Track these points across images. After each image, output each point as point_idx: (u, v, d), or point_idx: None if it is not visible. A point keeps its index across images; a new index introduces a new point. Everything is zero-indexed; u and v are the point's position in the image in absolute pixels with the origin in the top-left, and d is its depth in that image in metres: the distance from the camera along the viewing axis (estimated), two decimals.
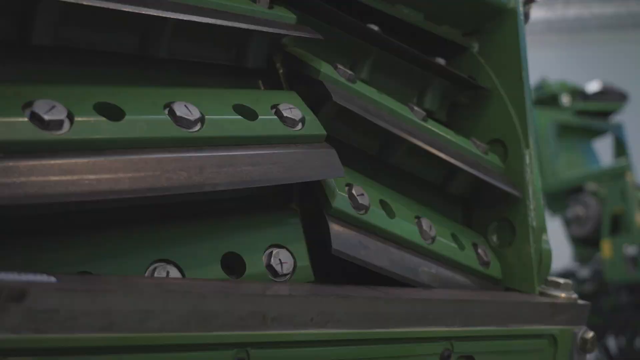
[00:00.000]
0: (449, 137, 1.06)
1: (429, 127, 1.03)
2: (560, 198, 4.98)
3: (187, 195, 0.79)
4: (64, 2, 0.67)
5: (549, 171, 4.90)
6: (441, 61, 1.17)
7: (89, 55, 0.78)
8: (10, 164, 0.59)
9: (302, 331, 0.72)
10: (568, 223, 4.97)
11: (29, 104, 0.63)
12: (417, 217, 0.98)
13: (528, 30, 1.23)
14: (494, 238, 1.14)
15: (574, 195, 4.89)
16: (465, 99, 1.20)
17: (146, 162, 0.68)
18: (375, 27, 1.08)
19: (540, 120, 4.93)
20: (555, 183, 4.88)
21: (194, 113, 0.74)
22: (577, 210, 4.80)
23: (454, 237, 1.04)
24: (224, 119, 0.77)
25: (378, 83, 1.09)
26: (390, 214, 0.94)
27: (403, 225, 0.94)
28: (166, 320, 0.62)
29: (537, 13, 10.46)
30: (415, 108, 1.02)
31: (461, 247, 1.03)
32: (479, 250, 1.07)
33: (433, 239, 0.98)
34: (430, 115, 1.16)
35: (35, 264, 0.66)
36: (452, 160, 1.03)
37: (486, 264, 1.07)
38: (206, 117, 0.75)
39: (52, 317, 0.56)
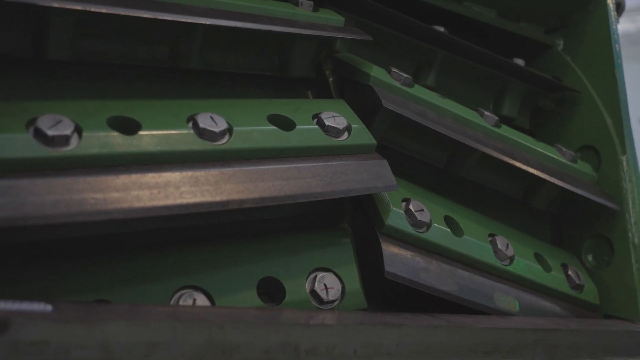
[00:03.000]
0: (527, 144, 0.94)
1: (503, 133, 0.92)
2: None
3: (220, 215, 0.73)
4: (73, 10, 0.62)
5: None
6: (520, 62, 1.05)
7: (113, 69, 0.73)
8: (8, 183, 0.55)
9: None
10: None
11: (34, 120, 0.59)
12: (491, 235, 0.87)
13: None
14: (589, 258, 1.00)
15: None
16: (550, 102, 1.08)
17: (161, 178, 0.62)
18: (440, 28, 0.99)
19: None
20: None
21: (219, 124, 0.67)
22: None
23: (538, 257, 0.91)
24: (255, 130, 0.70)
25: (447, 89, 1.00)
26: (458, 231, 0.83)
27: (473, 244, 0.83)
28: (176, 353, 0.55)
29: None
30: (486, 113, 0.92)
31: (547, 268, 0.91)
32: (570, 272, 0.94)
33: (511, 259, 0.86)
34: (510, 122, 1.04)
35: (47, 292, 0.61)
36: (532, 170, 0.91)
37: (579, 288, 0.93)
38: (235, 128, 0.68)
39: (41, 350, 0.50)
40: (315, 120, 0.75)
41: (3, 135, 0.57)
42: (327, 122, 0.75)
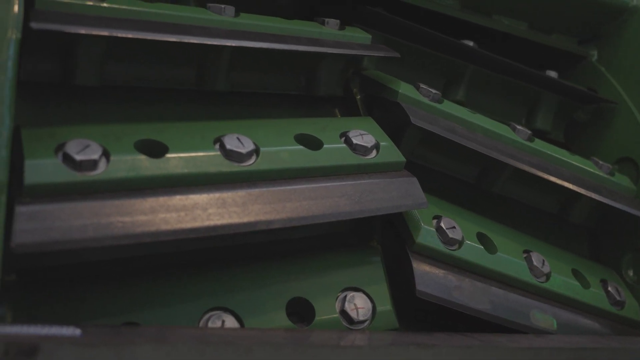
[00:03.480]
0: (562, 158, 0.92)
1: (536, 147, 0.90)
2: None
3: (248, 236, 0.73)
4: (100, 35, 0.63)
5: None
6: (553, 74, 1.04)
7: (140, 92, 0.74)
8: (36, 208, 0.56)
9: None
10: None
11: (62, 145, 0.59)
12: (526, 252, 0.85)
13: None
14: (630, 273, 0.97)
15: None
16: (585, 114, 1.06)
17: (188, 201, 0.62)
18: (469, 43, 0.97)
19: None
20: None
21: (246, 145, 0.67)
22: None
23: (576, 274, 0.89)
24: (283, 150, 0.70)
25: (478, 104, 0.99)
26: (491, 248, 0.81)
27: (507, 261, 0.81)
28: None
29: None
30: (519, 127, 0.90)
31: (585, 284, 0.88)
32: (610, 288, 0.91)
33: (547, 276, 0.84)
34: (544, 136, 1.02)
35: (76, 314, 0.62)
36: (568, 185, 0.89)
37: (619, 304, 0.91)
38: (261, 149, 0.68)
39: None
40: (343, 138, 0.75)
41: (33, 160, 0.57)
42: (355, 141, 0.74)
